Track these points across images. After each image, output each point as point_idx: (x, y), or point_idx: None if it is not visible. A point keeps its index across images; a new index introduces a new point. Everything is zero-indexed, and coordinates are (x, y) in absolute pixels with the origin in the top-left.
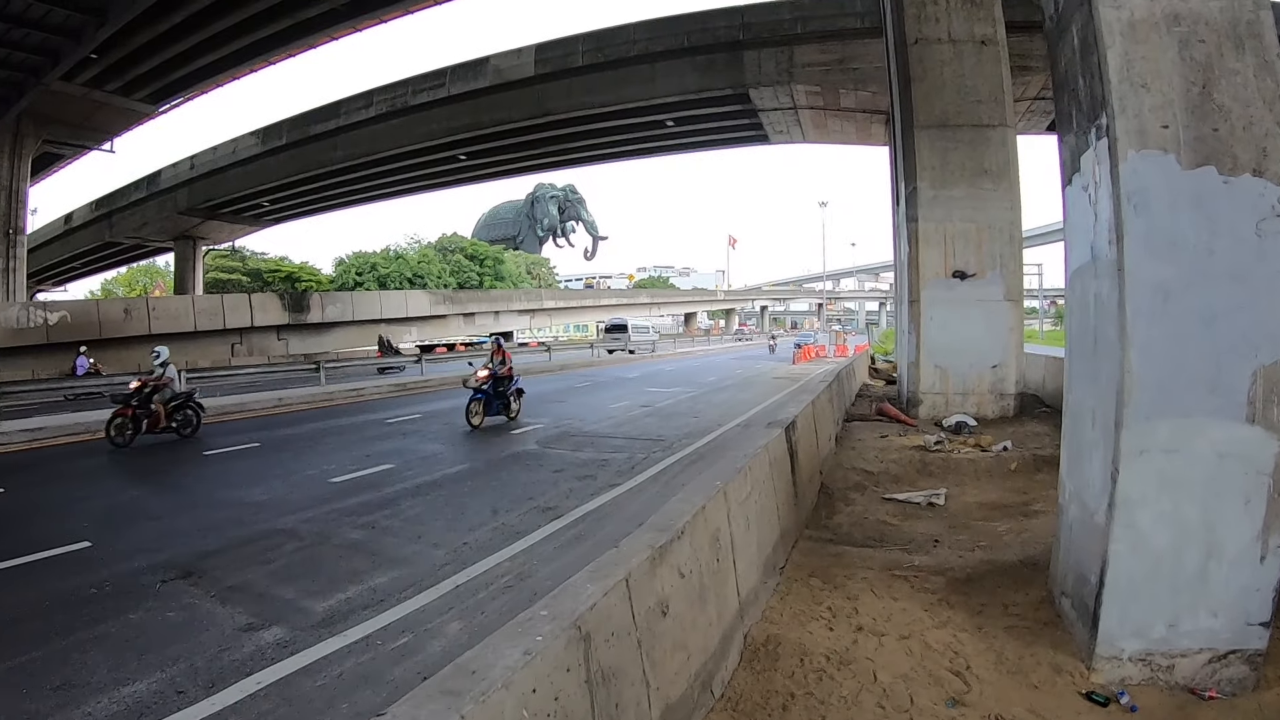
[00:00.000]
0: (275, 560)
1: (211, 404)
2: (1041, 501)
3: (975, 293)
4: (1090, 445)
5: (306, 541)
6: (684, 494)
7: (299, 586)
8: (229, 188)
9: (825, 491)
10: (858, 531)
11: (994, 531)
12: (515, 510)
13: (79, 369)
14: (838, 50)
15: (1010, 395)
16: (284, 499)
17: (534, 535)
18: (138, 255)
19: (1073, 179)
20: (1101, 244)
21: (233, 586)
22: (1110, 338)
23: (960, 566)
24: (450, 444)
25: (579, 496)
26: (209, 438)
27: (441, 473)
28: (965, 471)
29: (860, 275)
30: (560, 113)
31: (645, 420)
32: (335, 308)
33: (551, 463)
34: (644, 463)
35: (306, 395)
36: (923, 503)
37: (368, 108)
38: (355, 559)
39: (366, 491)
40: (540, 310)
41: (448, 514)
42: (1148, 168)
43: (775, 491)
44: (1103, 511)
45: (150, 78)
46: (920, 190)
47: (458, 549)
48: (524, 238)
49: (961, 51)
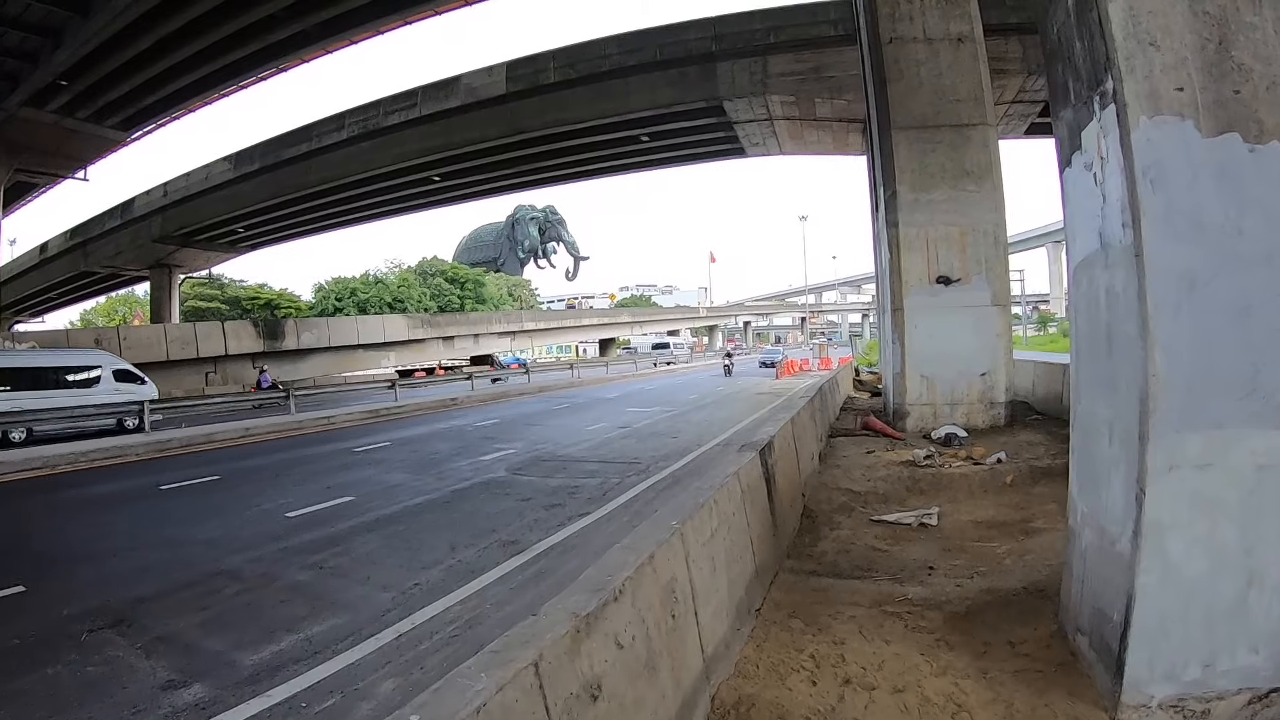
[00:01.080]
0: (212, 606)
1: (177, 435)
2: (1041, 517)
3: (960, 298)
4: (1108, 463)
5: (248, 584)
6: (631, 539)
7: (231, 637)
8: (203, 214)
9: (808, 515)
10: (844, 560)
11: (993, 554)
12: (474, 545)
13: (263, 383)
14: (812, 59)
15: (1001, 404)
16: (234, 536)
17: (491, 574)
18: (114, 285)
19: (1072, 159)
20: (1113, 228)
21: (161, 636)
22: (1129, 336)
23: (958, 598)
24: (417, 473)
25: (544, 528)
26: (169, 470)
27: (403, 505)
28: (958, 487)
29: (842, 288)
30: (533, 130)
31: (621, 442)
32: (311, 334)
33: (520, 490)
34: (617, 488)
35: (275, 424)
36: (914, 523)
37: (339, 130)
38: (296, 604)
39: (321, 527)
40: (521, 332)
41: (402, 551)
42: (1163, 136)
43: (749, 524)
44: (1127, 539)
45: (121, 104)
46: (900, 194)
47: (407, 591)
48: (505, 260)
49: (938, 50)
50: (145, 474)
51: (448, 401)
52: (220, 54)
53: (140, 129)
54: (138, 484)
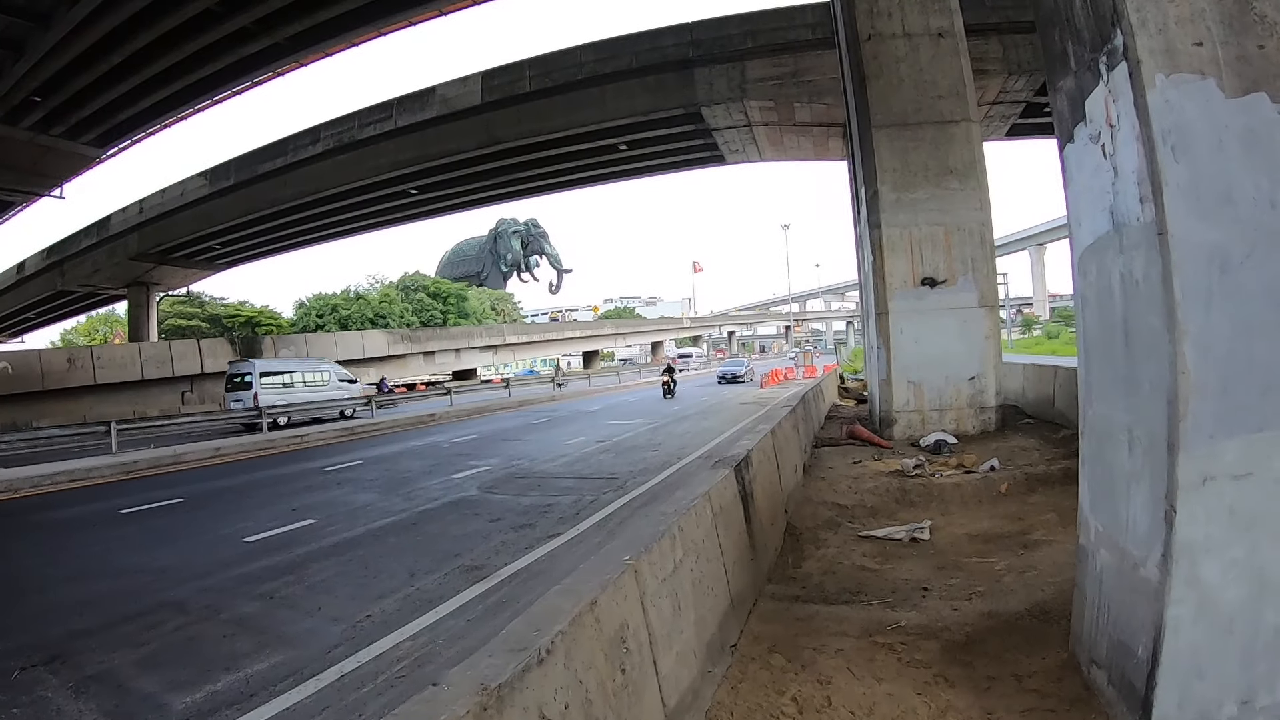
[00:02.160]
0: (151, 641)
1: (144, 456)
2: (1040, 528)
3: (947, 300)
4: (1129, 475)
5: (193, 617)
6: (572, 579)
7: (166, 676)
8: (179, 231)
9: (792, 533)
10: (830, 583)
11: (991, 571)
12: (436, 571)
13: (383, 388)
14: (790, 63)
15: (991, 408)
16: (187, 564)
17: (449, 604)
18: (92, 304)
19: (1075, 133)
20: (1129, 204)
21: (94, 675)
22: (1153, 329)
23: (957, 624)
24: (385, 493)
25: (512, 551)
26: (133, 493)
27: (366, 527)
28: (950, 498)
29: (826, 296)
30: (510, 141)
31: (600, 457)
32: (289, 351)
33: (490, 510)
34: (592, 506)
35: (246, 444)
36: (905, 538)
37: (315, 144)
38: (240, 639)
39: (278, 552)
40: (503, 346)
41: (359, 578)
42: (1183, 97)
43: (722, 550)
44: (1154, 563)
45: (94, 121)
46: (882, 194)
47: (358, 624)
48: (488, 274)
49: (917, 46)
50: (109, 497)
51: (425, 418)
52: (192, 69)
53: (115, 146)
54: (99, 508)
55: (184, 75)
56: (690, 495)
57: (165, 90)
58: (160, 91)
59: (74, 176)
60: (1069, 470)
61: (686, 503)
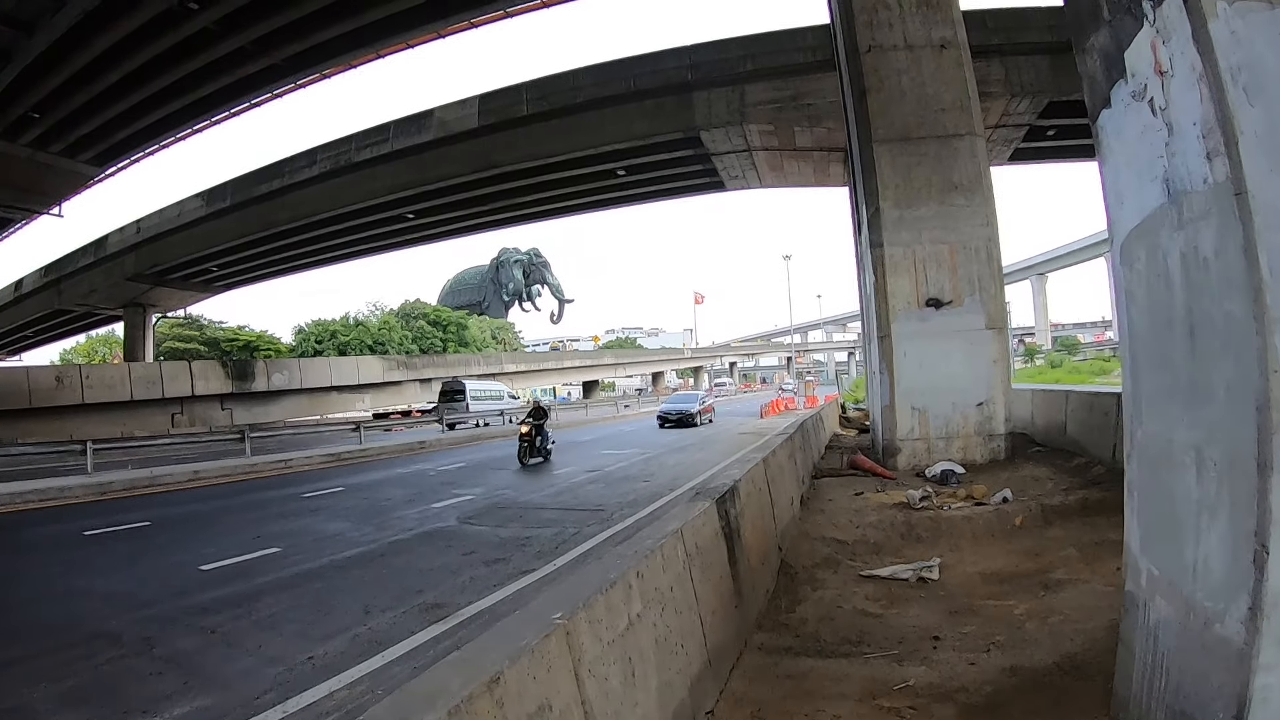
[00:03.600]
0: (75, 675)
1: (120, 477)
2: (1061, 566)
3: (953, 322)
4: (1198, 506)
5: (126, 650)
6: (470, 648)
7: (79, 715)
8: (176, 252)
9: (786, 572)
10: (828, 630)
11: (1010, 616)
12: (394, 609)
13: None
14: (790, 86)
15: (1000, 436)
16: (135, 591)
17: (398, 647)
18: (89, 324)
19: (1112, 96)
20: (1190, 165)
21: (11, 709)
22: (1230, 318)
23: (974, 682)
24: (359, 521)
25: (479, 588)
26: (101, 515)
27: (330, 558)
28: (960, 532)
29: (828, 327)
30: (507, 165)
31: (588, 488)
32: (282, 375)
33: (466, 542)
34: (573, 539)
35: (227, 467)
36: (911, 578)
37: (311, 166)
38: (167, 678)
39: (234, 582)
40: (501, 374)
41: (310, 614)
42: (1250, 29)
43: (698, 599)
44: (1236, 618)
45: (93, 139)
46: (884, 211)
47: (297, 666)
48: (489, 303)
49: (919, 57)
50: (76, 518)
51: (416, 445)
52: (190, 89)
53: (113, 164)
54: (63, 529)
55: (182, 95)
56: (658, 533)
57: (163, 110)
58: (158, 111)
59: (72, 195)
60: (1087, 501)
61: (651, 543)
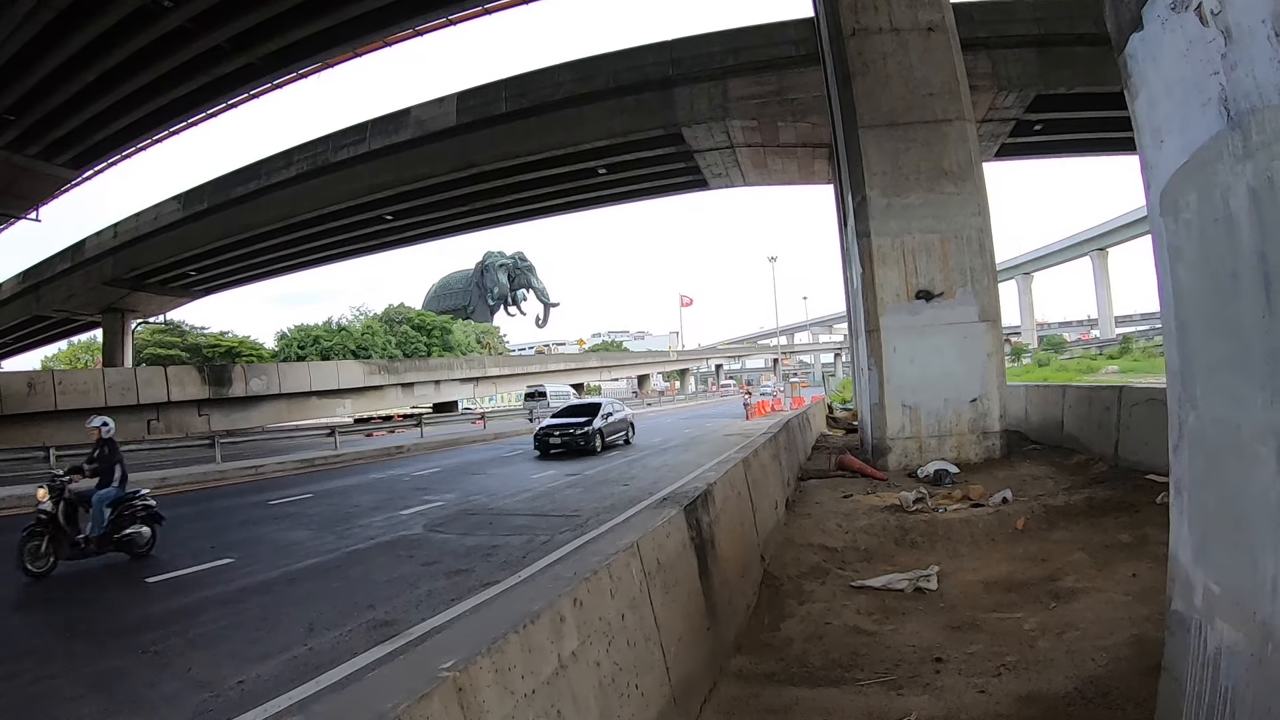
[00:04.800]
0: None
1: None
2: (1071, 572)
3: (944, 315)
4: (1277, 505)
5: (52, 669)
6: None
7: None
8: (154, 256)
9: (770, 584)
10: (816, 652)
11: (1019, 631)
12: (340, 626)
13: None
14: (773, 81)
15: (995, 433)
16: (74, 606)
17: (335, 671)
18: (69, 330)
19: (1145, 14)
20: (1257, 78)
21: None
22: None
23: (986, 714)
24: (320, 530)
25: (435, 603)
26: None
27: (284, 569)
28: (958, 536)
29: (814, 328)
30: (486, 164)
31: (565, 492)
32: (260, 380)
33: (429, 552)
34: (543, 548)
35: (196, 474)
36: (908, 588)
37: (288, 167)
38: (88, 702)
39: (177, 596)
40: (484, 378)
41: (251, 632)
42: None
43: (659, 625)
44: None
45: (70, 141)
46: (871, 200)
47: (224, 692)
48: (475, 307)
49: (906, 41)
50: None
51: (393, 450)
52: (166, 89)
53: (90, 167)
54: (12, 540)
55: (158, 96)
56: (608, 548)
57: (140, 110)
58: (135, 112)
59: (50, 199)
60: (1093, 501)
61: (598, 560)
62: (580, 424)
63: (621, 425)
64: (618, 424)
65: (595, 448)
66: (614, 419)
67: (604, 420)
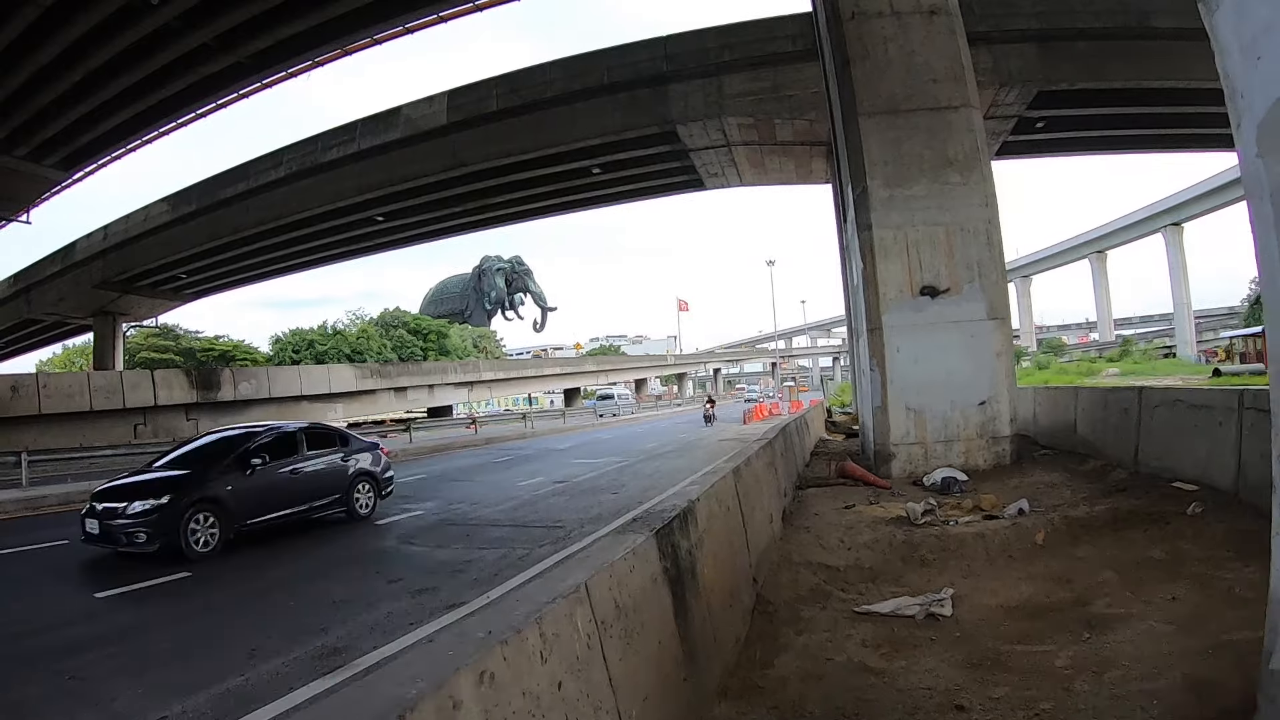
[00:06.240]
0: None
1: (57, 491)
2: (1103, 596)
3: (950, 312)
4: None
5: None
6: None
7: None
8: (144, 258)
9: (763, 610)
10: (815, 697)
11: (1051, 669)
12: (285, 653)
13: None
14: (770, 77)
15: (1005, 437)
16: (13, 620)
17: (267, 709)
18: (61, 334)
19: None
20: None
21: None
22: None
23: None
24: (288, 541)
25: (393, 627)
26: (23, 532)
27: (242, 586)
28: (972, 552)
29: (812, 332)
30: (477, 163)
31: (551, 500)
32: (249, 384)
33: (397, 566)
34: (519, 563)
35: None
36: (919, 614)
37: (277, 168)
38: None
39: (123, 612)
40: (479, 382)
41: (188, 656)
42: None
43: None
44: None
45: (59, 142)
46: (872, 191)
47: None
48: (472, 311)
49: (907, 24)
50: None
51: None
52: (154, 88)
53: (80, 169)
54: None
55: (146, 95)
56: (546, 592)
57: (129, 110)
58: (124, 112)
59: (40, 201)
60: (1117, 512)
61: (524, 613)
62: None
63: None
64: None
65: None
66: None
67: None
